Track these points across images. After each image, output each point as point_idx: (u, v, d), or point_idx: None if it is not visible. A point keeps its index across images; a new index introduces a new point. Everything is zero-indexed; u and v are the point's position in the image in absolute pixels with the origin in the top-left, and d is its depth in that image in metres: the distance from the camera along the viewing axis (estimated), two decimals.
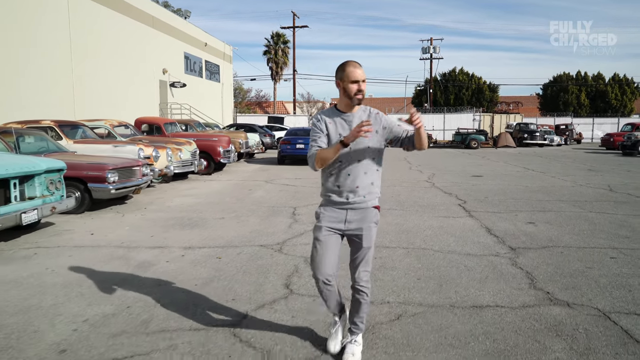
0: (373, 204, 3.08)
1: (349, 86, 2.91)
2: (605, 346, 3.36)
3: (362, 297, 3.11)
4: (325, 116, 3.05)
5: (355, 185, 2.99)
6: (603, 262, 5.40)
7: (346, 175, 2.99)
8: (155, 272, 5.01)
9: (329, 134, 2.99)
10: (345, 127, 2.98)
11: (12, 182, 5.97)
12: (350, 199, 3.01)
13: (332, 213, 3.06)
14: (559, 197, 10.36)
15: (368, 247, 3.07)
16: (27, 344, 3.37)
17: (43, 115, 14.16)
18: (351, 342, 3.21)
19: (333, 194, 3.05)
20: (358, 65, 2.94)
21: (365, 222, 3.04)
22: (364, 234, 3.04)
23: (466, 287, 4.58)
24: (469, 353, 3.26)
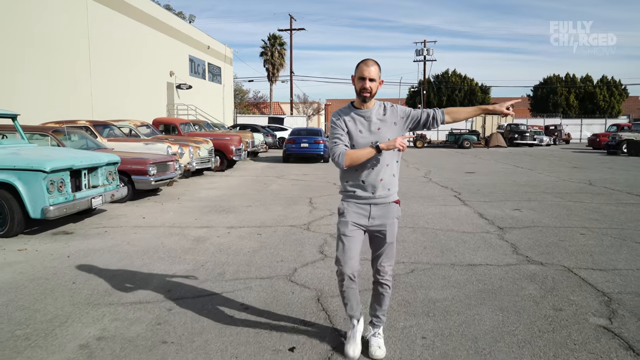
0: (394, 198, 3.15)
1: (356, 82, 3.01)
2: (565, 287, 4.58)
3: (385, 290, 3.19)
4: (344, 114, 3.11)
5: (380, 179, 3.05)
6: (573, 237, 6.64)
7: (370, 169, 3.04)
8: (212, 244, 6.20)
9: (350, 132, 3.05)
10: (365, 123, 3.05)
11: (83, 172, 7.12)
12: (376, 193, 3.07)
13: (356, 209, 3.10)
14: (543, 189, 11.62)
15: (391, 242, 3.13)
16: (140, 285, 4.55)
17: (67, 114, 15.29)
18: (375, 335, 3.27)
19: (357, 188, 3.09)
20: (371, 63, 2.98)
21: (389, 218, 3.11)
22: (387, 229, 3.11)
23: (463, 253, 5.81)
24: (466, 291, 4.47)
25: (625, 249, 6.01)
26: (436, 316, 3.87)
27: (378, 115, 3.06)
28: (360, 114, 3.05)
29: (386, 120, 3.05)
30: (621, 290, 4.46)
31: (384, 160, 3.04)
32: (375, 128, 3.03)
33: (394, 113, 3.09)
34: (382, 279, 3.16)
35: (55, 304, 4.08)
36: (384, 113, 3.07)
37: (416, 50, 54.06)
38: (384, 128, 3.04)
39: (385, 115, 3.06)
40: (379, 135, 3.00)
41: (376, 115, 3.05)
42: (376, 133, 3.02)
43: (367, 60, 2.99)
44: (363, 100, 3.01)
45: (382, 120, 3.05)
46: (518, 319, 3.82)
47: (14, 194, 6.33)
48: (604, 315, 3.89)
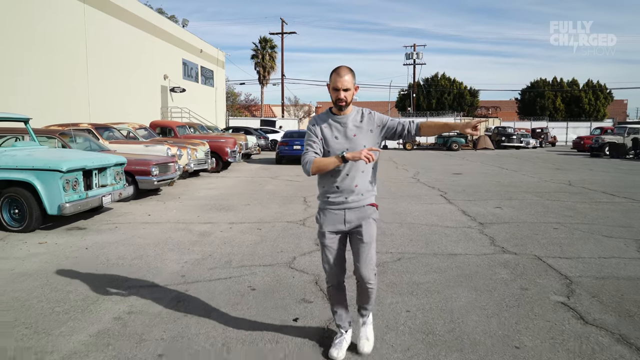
0: (369, 201, 3.15)
1: (331, 93, 3.05)
2: (534, 272, 5.20)
3: (369, 289, 3.19)
4: (321, 120, 3.15)
5: (354, 185, 3.08)
6: (547, 231, 7.27)
7: (344, 175, 3.07)
8: (216, 237, 6.76)
9: (325, 138, 3.08)
10: (340, 129, 3.08)
11: (94, 172, 7.65)
12: (349, 198, 3.09)
13: (331, 216, 3.15)
14: (524, 189, 12.28)
15: (369, 243, 3.10)
16: (156, 272, 5.11)
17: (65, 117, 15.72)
18: (364, 323, 3.34)
19: (332, 194, 3.12)
20: (344, 73, 3.00)
21: (364, 219, 3.12)
22: (363, 228, 3.10)
23: (445, 244, 6.42)
24: (446, 275, 5.07)
25: (592, 241, 6.64)
26: (419, 295, 4.46)
27: (355, 121, 3.09)
28: (337, 120, 3.09)
29: (362, 127, 3.08)
30: (581, 275, 5.09)
31: (359, 167, 3.05)
32: (352, 134, 3.06)
33: (371, 120, 3.11)
34: (363, 282, 3.14)
35: (84, 287, 4.63)
36: (361, 120, 3.10)
37: (406, 54, 54.80)
38: (360, 135, 3.06)
39: (362, 122, 3.09)
40: (355, 142, 3.04)
41: (353, 122, 3.08)
42: (352, 139, 3.05)
43: (339, 69, 3.00)
44: (339, 109, 3.06)
45: (358, 127, 3.08)
46: (489, 296, 4.43)
47: (32, 192, 6.85)
48: (563, 294, 4.50)
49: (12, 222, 6.98)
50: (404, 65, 55.77)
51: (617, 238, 6.80)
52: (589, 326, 3.78)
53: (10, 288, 4.57)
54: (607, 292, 4.55)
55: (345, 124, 3.07)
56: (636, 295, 4.45)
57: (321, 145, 3.08)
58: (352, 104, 3.11)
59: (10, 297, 4.34)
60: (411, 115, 45.73)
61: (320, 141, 3.08)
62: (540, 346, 3.43)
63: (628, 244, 6.47)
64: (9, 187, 6.95)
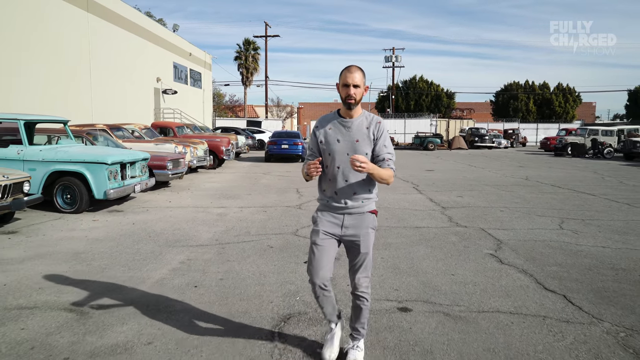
0: (370, 208, 3.10)
1: (340, 89, 2.99)
2: (476, 237, 7.03)
3: (363, 302, 3.16)
4: (325, 121, 3.12)
5: (353, 192, 3.04)
6: (494, 213, 9.14)
7: (343, 181, 3.03)
8: (232, 217, 8.48)
9: (327, 140, 3.05)
10: (344, 132, 3.02)
11: (127, 165, 9.31)
12: (349, 204, 3.05)
13: (330, 218, 3.10)
14: (486, 183, 14.21)
15: (366, 253, 3.08)
16: (196, 238, 6.82)
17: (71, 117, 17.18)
18: (353, 347, 3.27)
19: (331, 199, 3.10)
20: (354, 70, 2.96)
21: (362, 228, 3.06)
22: (361, 240, 3.06)
23: (413, 221, 8.24)
24: (411, 239, 6.87)
25: (527, 218, 8.53)
26: (390, 249, 6.27)
27: (360, 127, 3.02)
28: (342, 123, 3.04)
29: (366, 134, 3.01)
30: (510, 239, 6.95)
31: (359, 174, 2.99)
32: (354, 139, 3.01)
33: (376, 130, 3.03)
34: (357, 291, 3.14)
35: (147, 247, 6.33)
36: (367, 127, 3.02)
37: (385, 56, 56.80)
38: (362, 142, 3.00)
39: (367, 128, 3.02)
40: (357, 148, 2.98)
41: (358, 127, 3.02)
42: (354, 145, 3.00)
43: (350, 67, 2.98)
44: (348, 107, 2.98)
45: (362, 133, 3.01)
46: (440, 251, 6.25)
47: (82, 181, 8.49)
48: (492, 249, 6.35)
49: (64, 205, 8.61)
50: (384, 68, 57.86)
51: (547, 217, 8.70)
52: (504, 265, 5.62)
53: (94, 246, 6.26)
54: (523, 248, 6.41)
55: (350, 128, 3.01)
56: (542, 250, 6.32)
57: (318, 152, 3.12)
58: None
59: (98, 251, 6.03)
60: (390, 116, 47.75)
61: (320, 144, 3.09)
62: (467, 274, 5.25)
63: (553, 220, 8.37)
64: (62, 177, 8.57)
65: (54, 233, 7.03)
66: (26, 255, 5.79)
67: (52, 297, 4.38)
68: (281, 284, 4.83)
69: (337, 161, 3.03)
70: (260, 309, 4.16)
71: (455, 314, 4.08)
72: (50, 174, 8.49)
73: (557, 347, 3.48)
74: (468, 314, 4.10)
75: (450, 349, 3.43)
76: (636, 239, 6.94)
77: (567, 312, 4.16)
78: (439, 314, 4.08)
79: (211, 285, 4.77)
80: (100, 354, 3.30)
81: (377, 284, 4.87)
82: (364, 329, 3.29)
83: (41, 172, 8.47)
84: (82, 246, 6.27)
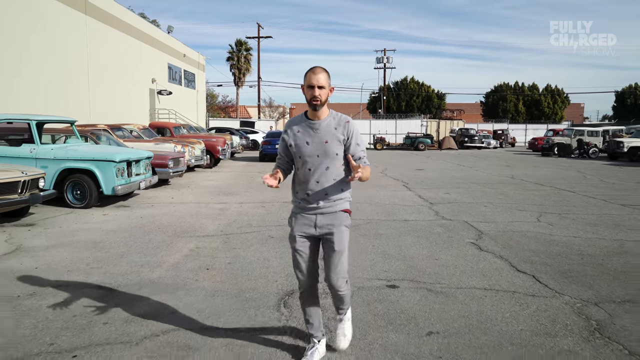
0: (342, 207, 3.11)
1: (305, 91, 2.96)
2: (459, 229, 7.64)
3: (340, 295, 3.20)
4: (294, 124, 3.10)
5: (325, 193, 3.04)
6: (478, 208, 9.77)
7: (315, 182, 3.03)
8: (233, 212, 9.05)
9: (296, 143, 3.05)
10: (312, 134, 3.02)
11: (133, 163, 9.85)
12: (321, 204, 3.06)
13: (303, 219, 3.11)
14: (472, 181, 14.87)
15: (340, 251, 3.07)
16: (201, 229, 7.38)
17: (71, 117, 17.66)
18: (340, 321, 3.34)
19: (303, 201, 3.10)
20: (319, 71, 2.95)
21: (336, 226, 3.07)
22: (335, 236, 3.06)
23: (402, 215, 8.85)
24: (400, 230, 7.48)
25: (508, 212, 9.17)
26: (381, 239, 6.87)
27: (328, 128, 3.02)
28: (310, 125, 3.04)
29: (335, 135, 3.02)
30: (491, 230, 7.57)
31: (330, 175, 3.02)
32: (323, 141, 3.00)
33: (345, 130, 3.04)
34: (334, 289, 3.16)
35: (157, 237, 6.89)
36: (335, 127, 3.03)
37: (377, 58, 57.57)
38: (332, 142, 3.01)
39: (336, 129, 3.02)
40: (326, 149, 3.00)
41: (326, 128, 3.02)
42: (323, 146, 3.00)
43: (314, 68, 2.96)
44: (314, 108, 2.97)
45: (331, 134, 3.02)
46: (426, 240, 6.86)
47: (91, 178, 9.02)
48: (474, 238, 6.97)
49: (74, 200, 9.14)
50: (375, 69, 58.61)
51: (527, 211, 9.35)
52: (483, 251, 6.24)
53: (109, 237, 6.81)
54: (502, 238, 7.04)
55: (318, 130, 3.02)
56: (519, 239, 6.95)
57: (288, 153, 3.13)
58: (328, 107, 3.10)
59: (114, 241, 6.58)
60: (381, 117, 48.47)
61: (289, 147, 3.09)
62: (449, 258, 5.86)
63: (532, 214, 9.01)
64: (72, 174, 9.10)
65: (69, 225, 7.58)
66: (49, 244, 6.33)
67: (81, 278, 4.94)
68: (283, 267, 5.41)
69: (308, 164, 3.03)
70: (267, 286, 4.74)
71: (437, 290, 4.69)
72: (61, 171, 9.02)
73: (522, 314, 4.09)
74: (448, 289, 4.70)
75: (431, 316, 4.03)
76: (605, 230, 7.59)
77: (534, 288, 4.77)
78: (423, 290, 4.69)
79: (221, 268, 5.35)
80: (134, 320, 3.87)
81: (369, 267, 5.47)
82: (348, 305, 3.35)
83: (53, 170, 8.99)
84: (98, 236, 6.82)
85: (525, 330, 3.75)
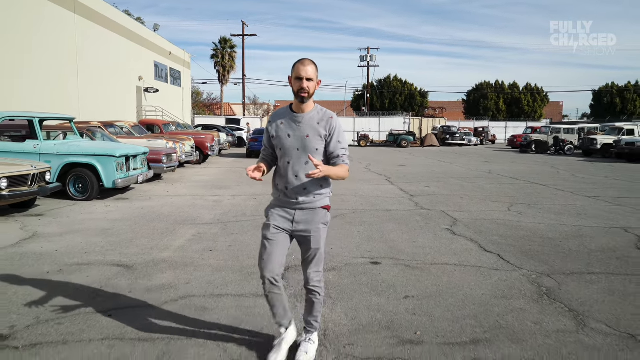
0: (322, 204, 3.10)
1: (293, 83, 2.93)
2: (437, 217, 8.37)
3: (315, 296, 3.16)
4: (278, 117, 3.08)
5: (303, 188, 3.01)
6: (455, 199, 10.52)
7: (294, 177, 3.01)
8: (227, 204, 9.67)
9: (278, 135, 3.03)
10: (295, 127, 2.99)
11: (131, 158, 10.41)
12: (300, 200, 3.03)
13: (281, 212, 3.09)
14: (451, 176, 15.65)
15: (317, 248, 3.09)
16: (200, 218, 8.00)
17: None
18: (306, 340, 3.25)
19: (282, 194, 3.08)
20: (307, 63, 2.92)
21: (314, 224, 3.06)
22: (312, 235, 3.06)
23: (385, 205, 9.55)
24: (383, 218, 8.18)
25: (482, 203, 9.93)
26: (365, 225, 7.56)
27: (311, 122, 3.00)
28: (293, 118, 3.01)
29: (317, 130, 3.00)
30: (465, 218, 8.31)
31: (310, 170, 2.93)
32: (304, 135, 2.98)
33: (328, 126, 3.01)
34: (309, 285, 3.16)
35: (160, 225, 7.49)
36: (318, 122, 3.01)
37: (360, 56, 58.39)
38: (312, 137, 2.99)
39: (318, 124, 3.00)
40: (306, 143, 2.98)
41: (309, 122, 3.00)
42: (304, 140, 2.98)
43: (303, 59, 2.93)
44: (301, 101, 2.95)
45: (313, 128, 3.00)
46: (405, 226, 7.57)
47: (93, 172, 9.58)
48: (449, 225, 7.69)
49: (76, 193, 9.69)
50: (359, 67, 59.35)
51: (499, 202, 10.12)
52: (456, 236, 6.96)
53: (115, 225, 7.41)
54: (474, 224, 7.77)
55: (300, 123, 2.99)
56: (489, 226, 7.69)
57: (271, 145, 3.13)
58: (314, 102, 3.07)
59: (121, 228, 7.18)
60: (365, 115, 49.27)
61: (272, 139, 3.09)
62: (426, 241, 6.57)
63: (504, 205, 9.78)
64: (74, 168, 9.65)
65: (76, 215, 8.15)
66: (62, 231, 6.92)
67: (99, 257, 5.55)
68: None
69: (287, 156, 3.02)
70: None
71: (414, 265, 5.39)
72: (64, 165, 9.56)
73: (485, 283, 4.81)
74: (423, 265, 5.41)
75: (408, 284, 4.73)
76: (567, 218, 8.38)
77: (497, 264, 5.50)
78: (401, 266, 5.38)
79: (223, 250, 5.99)
80: (154, 289, 4.51)
81: (355, 248, 6.16)
82: (317, 323, 3.29)
83: (56, 164, 9.52)
84: (106, 224, 7.42)
85: (486, 295, 4.47)
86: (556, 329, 3.72)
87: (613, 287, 4.71)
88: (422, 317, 3.92)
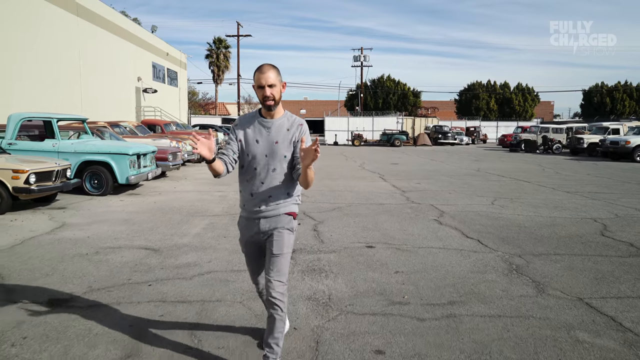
0: (287, 210, 2.99)
1: (256, 92, 2.88)
2: (426, 210, 9.17)
3: (277, 312, 2.86)
4: (245, 121, 3.01)
5: (268, 195, 2.94)
6: (444, 194, 11.33)
7: (260, 183, 2.94)
8: (232, 198, 10.43)
9: (246, 140, 2.96)
10: (264, 133, 2.92)
11: (142, 156, 11.16)
12: (262, 208, 2.95)
13: (248, 223, 3.05)
14: (442, 173, 16.48)
15: (279, 254, 2.92)
16: (209, 211, 8.76)
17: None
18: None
19: (247, 202, 3.02)
20: (266, 69, 2.83)
21: (277, 229, 2.96)
22: (274, 239, 2.95)
23: (377, 200, 10.35)
24: (376, 211, 8.97)
25: (468, 198, 10.75)
26: (360, 217, 8.35)
27: (280, 129, 2.94)
28: (262, 124, 2.95)
29: (286, 136, 2.94)
30: (452, 210, 9.12)
31: (276, 177, 2.93)
32: (274, 141, 2.92)
33: (298, 132, 2.97)
34: (270, 296, 2.87)
35: (175, 216, 8.25)
36: (288, 128, 2.95)
37: (354, 56, 59.22)
38: (282, 144, 2.93)
39: (288, 131, 2.95)
40: (275, 150, 2.91)
41: (278, 128, 2.94)
42: (273, 146, 2.92)
43: (261, 66, 2.85)
44: (268, 109, 2.89)
45: (282, 134, 2.94)
46: (397, 217, 8.37)
47: (107, 169, 10.32)
48: (436, 217, 8.50)
49: (92, 189, 10.43)
50: (352, 67, 60.19)
51: (484, 197, 10.95)
52: (442, 225, 7.77)
53: (134, 216, 8.17)
54: (459, 216, 8.58)
55: (270, 129, 2.93)
56: (473, 217, 8.50)
57: (236, 149, 3.00)
58: (285, 108, 3.02)
59: (140, 219, 7.94)
60: (359, 114, 50.13)
61: (239, 142, 2.98)
62: (415, 230, 7.37)
63: (488, 199, 10.61)
64: (90, 166, 10.38)
65: (96, 209, 8.90)
66: (87, 221, 7.67)
67: (128, 242, 6.32)
68: None
69: (254, 163, 2.94)
70: None
71: (403, 249, 6.19)
72: (81, 162, 10.30)
73: (464, 262, 5.61)
74: (411, 248, 6.22)
75: (398, 263, 5.53)
76: (545, 210, 9.20)
77: (476, 248, 6.31)
78: (393, 249, 6.18)
79: (236, 236, 6.75)
80: (181, 266, 5.29)
81: (352, 235, 6.96)
82: (279, 347, 2.92)
83: (73, 162, 10.25)
84: (125, 216, 8.18)
85: (464, 270, 5.27)
86: (519, 294, 4.53)
87: (573, 265, 5.53)
88: (409, 286, 4.72)
